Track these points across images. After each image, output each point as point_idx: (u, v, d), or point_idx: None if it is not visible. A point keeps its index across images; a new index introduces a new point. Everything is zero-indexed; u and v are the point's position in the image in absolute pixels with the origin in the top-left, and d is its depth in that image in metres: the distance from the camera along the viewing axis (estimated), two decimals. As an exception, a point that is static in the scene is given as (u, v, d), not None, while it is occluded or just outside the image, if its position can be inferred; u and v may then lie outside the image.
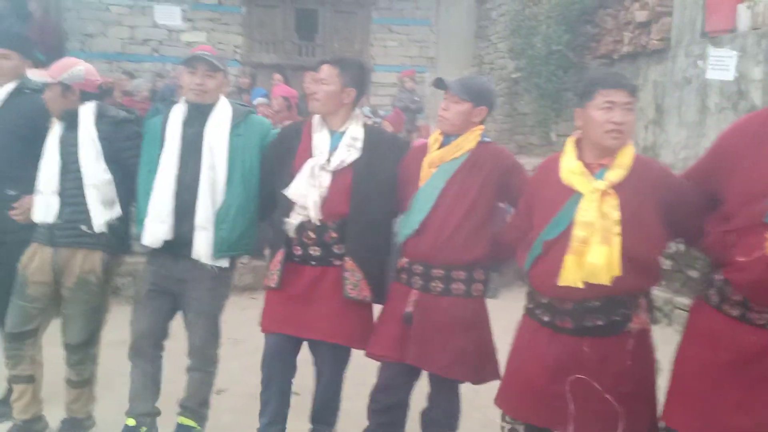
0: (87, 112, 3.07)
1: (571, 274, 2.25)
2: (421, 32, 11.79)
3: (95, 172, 3.00)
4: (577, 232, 2.27)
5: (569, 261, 2.26)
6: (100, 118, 3.07)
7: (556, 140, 8.72)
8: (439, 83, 2.80)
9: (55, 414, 3.26)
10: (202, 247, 2.90)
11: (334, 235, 2.85)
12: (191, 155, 2.93)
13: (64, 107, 3.06)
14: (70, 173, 3.03)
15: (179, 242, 2.91)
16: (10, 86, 3.30)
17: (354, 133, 2.91)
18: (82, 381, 3.17)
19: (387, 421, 2.85)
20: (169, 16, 10.84)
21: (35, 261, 3.04)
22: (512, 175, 2.73)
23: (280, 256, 2.89)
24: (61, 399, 3.25)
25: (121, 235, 3.15)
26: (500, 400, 2.53)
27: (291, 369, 3.02)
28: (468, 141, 2.75)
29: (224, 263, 3.00)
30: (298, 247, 2.88)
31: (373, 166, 2.87)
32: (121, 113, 3.16)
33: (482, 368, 2.75)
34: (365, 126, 2.97)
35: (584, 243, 2.25)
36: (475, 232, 2.70)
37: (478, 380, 2.78)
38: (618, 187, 2.28)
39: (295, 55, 11.46)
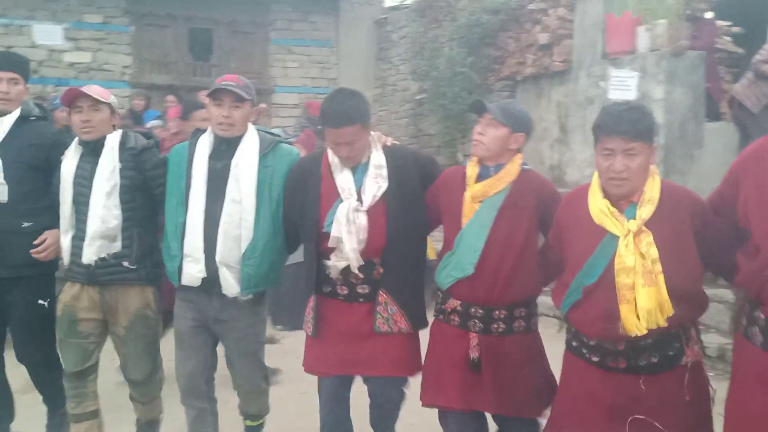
0: (113, 141, 2.91)
1: (632, 324, 2.14)
2: (321, 53, 11.61)
3: (105, 207, 2.84)
4: (622, 280, 2.16)
5: (625, 311, 2.14)
6: (122, 147, 2.92)
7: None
8: (478, 107, 2.60)
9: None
10: (230, 283, 2.78)
11: (381, 270, 2.70)
12: (220, 190, 2.79)
13: (106, 133, 2.91)
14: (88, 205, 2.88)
15: (210, 280, 2.79)
16: (16, 113, 3.11)
17: (377, 161, 2.72)
18: (150, 400, 3.16)
19: None
20: (50, 36, 10.07)
21: (83, 300, 2.93)
22: (552, 207, 2.55)
23: (311, 302, 2.76)
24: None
25: (159, 266, 3.01)
26: None
27: (347, 403, 2.93)
28: (510, 173, 2.58)
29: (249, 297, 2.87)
30: (344, 287, 2.74)
31: (403, 188, 2.72)
32: (141, 140, 2.98)
33: (549, 400, 2.60)
34: (384, 149, 2.77)
35: (631, 289, 2.14)
36: (531, 267, 2.56)
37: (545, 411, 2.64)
38: (650, 223, 2.18)
39: (189, 76, 10.94)
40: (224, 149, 2.83)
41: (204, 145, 2.86)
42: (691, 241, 2.21)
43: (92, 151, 2.90)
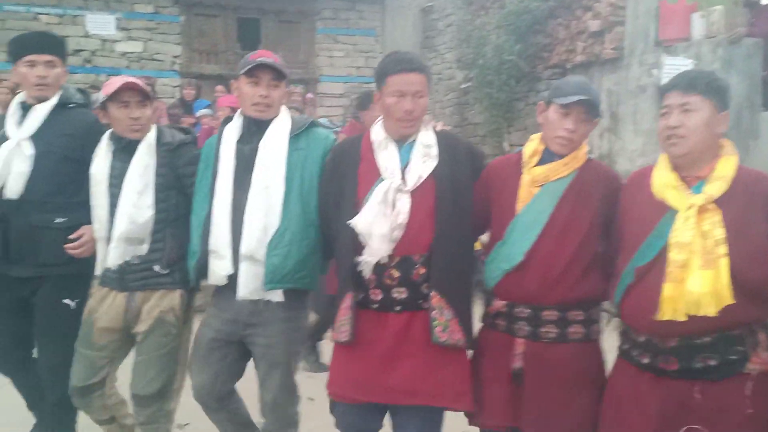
0: (150, 138, 2.70)
1: (670, 306, 1.94)
2: (366, 42, 11.63)
3: (135, 206, 2.62)
4: (674, 256, 1.96)
5: (667, 290, 1.94)
6: (158, 143, 2.70)
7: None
8: (590, 106, 2.25)
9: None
10: (249, 280, 2.47)
11: (422, 271, 2.28)
12: (248, 177, 2.51)
13: (148, 131, 2.71)
14: None
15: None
16: (53, 100, 2.84)
17: (425, 139, 2.38)
18: None
19: None
20: (102, 26, 10.33)
21: (104, 306, 2.70)
22: (617, 199, 2.29)
23: (348, 301, 2.32)
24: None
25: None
26: None
27: None
28: (577, 159, 2.29)
29: (278, 296, 2.52)
30: (378, 291, 2.31)
31: (455, 176, 2.35)
32: (178, 135, 2.77)
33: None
34: (436, 132, 2.45)
35: (683, 268, 1.94)
36: (592, 265, 2.25)
37: None
38: (721, 202, 1.98)
39: (237, 66, 11.06)
40: (254, 132, 2.56)
41: (232, 130, 2.60)
42: (767, 231, 1.96)
43: (125, 149, 2.69)
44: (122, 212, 2.62)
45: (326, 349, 2.73)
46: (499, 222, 2.35)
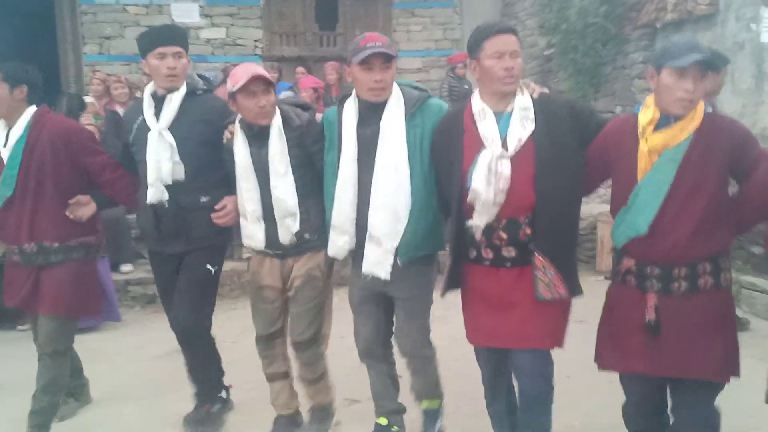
0: (277, 123, 2.93)
1: None
2: (444, 14, 11.42)
3: (283, 187, 2.92)
4: None
5: None
6: (286, 127, 2.94)
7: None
8: (716, 62, 2.35)
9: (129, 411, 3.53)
10: (375, 257, 2.76)
11: (528, 231, 2.49)
12: (371, 158, 2.75)
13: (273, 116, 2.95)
14: (267, 188, 2.96)
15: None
16: (183, 90, 3.10)
17: (522, 103, 2.50)
18: (317, 378, 3.20)
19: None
20: (187, 14, 10.67)
21: (264, 268, 3.08)
22: (746, 149, 2.30)
23: (449, 263, 2.65)
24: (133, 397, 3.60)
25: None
26: None
27: (507, 376, 2.80)
28: (694, 119, 2.29)
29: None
30: (489, 250, 2.55)
31: (555, 138, 2.46)
32: (303, 116, 2.98)
33: (736, 365, 2.41)
34: (533, 97, 2.55)
35: None
36: (720, 221, 2.32)
37: (734, 376, 2.42)
38: None
39: (316, 47, 11.16)
40: (371, 115, 2.76)
41: (350, 112, 2.81)
42: None
43: (258, 135, 2.92)
44: (276, 196, 2.91)
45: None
46: (621, 188, 2.43)
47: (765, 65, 5.94)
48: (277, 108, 2.93)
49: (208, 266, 3.18)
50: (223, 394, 3.47)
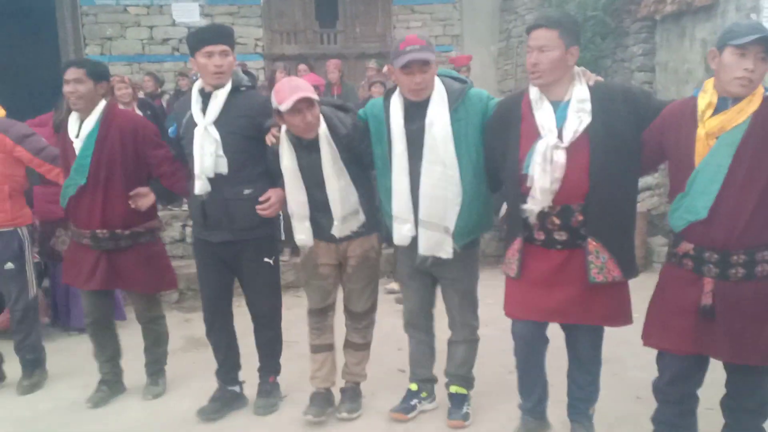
0: (324, 133, 3.03)
1: None
2: (444, 11, 11.43)
3: (341, 190, 3.06)
4: None
5: None
6: (334, 135, 3.04)
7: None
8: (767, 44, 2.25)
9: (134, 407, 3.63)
10: (428, 241, 2.97)
11: (580, 218, 2.60)
12: (419, 152, 2.91)
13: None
14: (318, 188, 3.09)
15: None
16: (228, 86, 3.20)
17: (580, 95, 2.58)
18: (366, 344, 3.41)
19: (682, 411, 2.66)
20: (188, 14, 10.70)
21: (320, 248, 3.25)
22: None
23: (517, 244, 2.74)
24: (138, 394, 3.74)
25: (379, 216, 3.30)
26: None
27: (543, 350, 2.92)
28: (753, 102, 2.31)
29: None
30: (541, 232, 2.68)
31: (610, 128, 2.54)
32: (347, 120, 3.09)
33: None
34: (590, 87, 2.62)
35: None
36: None
37: None
38: None
39: (317, 44, 11.19)
40: (415, 112, 2.91)
41: (397, 108, 2.95)
42: None
43: (307, 145, 3.03)
44: (334, 198, 3.06)
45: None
46: (678, 172, 2.45)
47: (765, 56, 5.93)
48: (320, 115, 3.03)
49: (266, 259, 3.36)
50: (237, 388, 3.56)
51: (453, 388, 3.28)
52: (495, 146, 2.82)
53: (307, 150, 3.05)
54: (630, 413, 3.24)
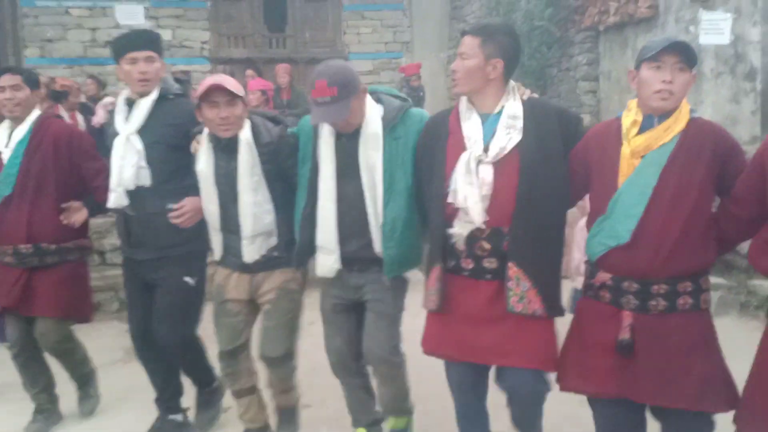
0: (246, 136, 2.77)
1: None
2: (394, 17, 11.50)
3: (255, 204, 2.79)
4: None
5: None
6: (257, 142, 2.79)
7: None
8: (682, 54, 2.14)
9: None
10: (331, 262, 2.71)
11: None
12: (348, 173, 2.64)
13: (240, 128, 2.77)
14: (233, 203, 2.81)
15: (349, 261, 2.72)
16: (154, 94, 3.00)
17: (512, 110, 2.37)
18: (288, 388, 3.11)
19: None
20: (132, 16, 10.41)
21: (231, 282, 2.95)
22: (731, 160, 2.17)
23: (436, 272, 2.44)
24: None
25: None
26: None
27: (483, 393, 2.62)
28: (679, 121, 2.15)
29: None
30: (469, 260, 2.40)
31: (543, 147, 2.34)
32: (274, 131, 2.84)
33: (726, 393, 2.21)
34: (524, 101, 2.42)
35: None
36: (703, 235, 2.16)
37: (725, 409, 2.22)
38: None
39: (265, 48, 11.09)
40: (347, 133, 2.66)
41: (328, 128, 2.67)
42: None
43: (225, 147, 2.79)
44: (245, 213, 2.78)
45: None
46: (600, 194, 2.27)
47: (703, 66, 6.14)
48: (247, 120, 2.81)
49: (186, 279, 3.07)
50: (179, 417, 3.31)
51: (391, 422, 2.99)
52: (423, 167, 2.56)
53: (226, 156, 2.79)
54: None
